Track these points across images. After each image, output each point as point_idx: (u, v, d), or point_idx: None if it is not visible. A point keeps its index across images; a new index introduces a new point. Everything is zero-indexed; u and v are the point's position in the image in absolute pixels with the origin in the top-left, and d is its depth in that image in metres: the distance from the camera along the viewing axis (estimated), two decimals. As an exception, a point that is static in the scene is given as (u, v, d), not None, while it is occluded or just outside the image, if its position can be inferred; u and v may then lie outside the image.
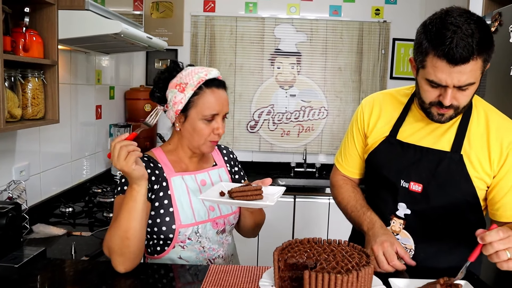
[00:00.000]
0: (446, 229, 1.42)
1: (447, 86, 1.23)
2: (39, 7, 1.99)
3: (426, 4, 3.82)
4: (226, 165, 1.63)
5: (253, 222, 1.59)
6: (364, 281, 1.07)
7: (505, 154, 1.34)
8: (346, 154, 1.64)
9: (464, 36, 1.16)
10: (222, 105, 1.46)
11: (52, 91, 2.05)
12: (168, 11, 3.82)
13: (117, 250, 1.28)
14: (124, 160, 1.20)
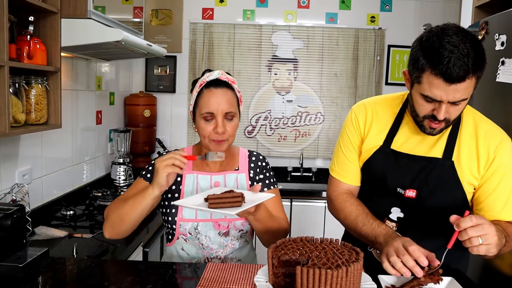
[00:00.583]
0: (436, 230, 1.47)
1: (441, 101, 1.28)
2: (43, 15, 2.06)
3: (421, 11, 3.90)
4: (250, 171, 1.65)
5: (263, 229, 1.52)
6: (353, 277, 1.13)
7: (491, 158, 1.40)
8: (344, 162, 1.61)
9: (461, 56, 1.20)
10: (218, 104, 1.49)
11: (55, 97, 2.11)
12: (168, 18, 3.89)
13: (111, 222, 1.49)
14: (166, 165, 1.36)
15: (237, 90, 1.58)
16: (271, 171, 1.69)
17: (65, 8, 2.17)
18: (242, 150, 1.70)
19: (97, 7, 2.41)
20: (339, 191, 1.61)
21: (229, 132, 1.52)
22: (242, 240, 1.63)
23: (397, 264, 1.21)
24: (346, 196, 1.58)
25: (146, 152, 3.70)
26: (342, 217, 1.58)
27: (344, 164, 1.60)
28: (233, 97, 1.54)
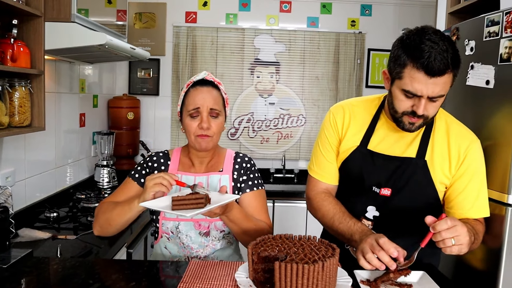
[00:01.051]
0: (410, 227, 1.53)
1: (421, 96, 1.34)
2: (27, 19, 2.07)
3: (400, 16, 4.00)
4: (234, 173, 1.67)
5: (239, 231, 1.56)
6: (329, 271, 1.19)
7: (462, 158, 1.48)
8: (322, 162, 1.65)
9: (441, 51, 1.28)
10: (204, 100, 1.55)
11: (39, 99, 2.13)
12: (151, 21, 3.92)
13: (100, 223, 1.59)
14: (154, 184, 1.41)
15: (223, 91, 1.63)
16: (257, 172, 1.71)
17: (49, 12, 2.19)
18: (229, 151, 1.73)
19: (80, 9, 2.42)
20: (317, 190, 1.67)
21: (214, 129, 1.56)
22: (225, 241, 1.66)
23: (373, 261, 1.27)
24: (324, 195, 1.63)
25: (130, 154, 3.72)
26: (319, 216, 1.63)
27: (323, 164, 1.65)
28: (218, 96, 1.59)
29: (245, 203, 1.64)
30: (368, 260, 1.27)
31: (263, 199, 1.70)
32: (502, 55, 1.67)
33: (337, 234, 1.55)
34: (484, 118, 1.79)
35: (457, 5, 2.27)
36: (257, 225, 1.58)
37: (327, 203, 1.60)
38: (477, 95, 1.82)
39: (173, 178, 1.43)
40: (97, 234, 1.61)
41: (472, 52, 1.85)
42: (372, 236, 1.33)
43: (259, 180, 1.71)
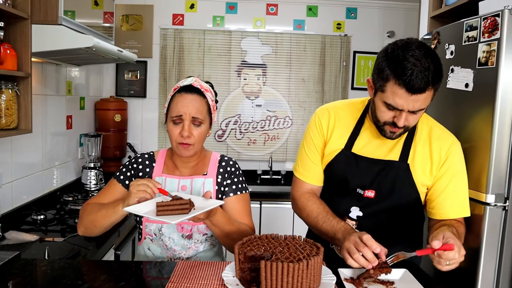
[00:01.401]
0: (392, 226, 1.59)
1: (402, 110, 1.38)
2: (13, 21, 2.08)
3: (384, 19, 4.06)
4: (218, 176, 1.68)
5: (221, 234, 1.57)
6: (314, 269, 1.22)
7: (443, 159, 1.52)
8: (308, 163, 1.68)
9: (423, 69, 1.31)
10: (187, 108, 1.55)
11: (26, 102, 2.13)
12: (138, 24, 3.92)
13: (84, 223, 1.60)
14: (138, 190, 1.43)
15: (210, 99, 1.62)
16: (241, 176, 1.71)
17: (35, 14, 2.20)
18: (215, 154, 1.74)
19: (66, 11, 2.43)
20: (302, 190, 1.69)
21: (195, 138, 1.57)
22: (207, 244, 1.68)
23: (360, 260, 1.30)
24: (308, 196, 1.67)
25: (117, 156, 3.72)
26: (304, 215, 1.66)
27: (308, 165, 1.68)
28: (203, 104, 1.59)
29: (229, 206, 1.66)
30: (356, 260, 1.30)
31: (247, 203, 1.71)
32: (480, 59, 1.72)
33: (321, 233, 1.58)
34: (464, 120, 1.84)
35: (438, 9, 2.33)
36: (239, 228, 1.60)
37: (312, 203, 1.63)
38: (458, 98, 1.88)
39: (156, 186, 1.45)
40: (82, 235, 1.63)
41: (452, 56, 1.90)
42: (356, 234, 1.37)
43: (243, 184, 1.71)
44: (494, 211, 1.70)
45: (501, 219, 1.71)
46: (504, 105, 1.64)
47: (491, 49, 1.65)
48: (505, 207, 1.70)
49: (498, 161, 1.68)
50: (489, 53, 1.66)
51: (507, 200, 1.70)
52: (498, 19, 1.61)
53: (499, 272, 1.72)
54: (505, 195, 1.70)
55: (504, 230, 1.71)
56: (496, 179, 1.69)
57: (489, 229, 1.71)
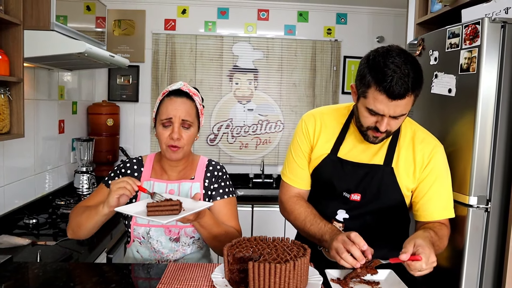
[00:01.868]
0: (378, 228, 1.62)
1: (384, 115, 1.42)
2: (5, 27, 2.10)
3: (374, 25, 4.12)
4: (205, 181, 1.70)
5: (209, 236, 1.60)
6: (300, 270, 1.25)
7: (426, 162, 1.56)
8: (295, 168, 1.71)
9: (402, 75, 1.34)
10: (176, 110, 1.58)
11: (18, 107, 2.15)
12: (130, 28, 3.95)
13: (72, 226, 1.63)
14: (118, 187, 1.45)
15: (198, 102, 1.66)
16: (228, 181, 1.75)
17: (28, 20, 2.22)
18: (203, 159, 1.77)
19: (59, 16, 2.45)
20: (289, 194, 1.73)
21: (185, 140, 1.60)
22: (195, 246, 1.70)
23: (349, 260, 1.33)
24: (296, 199, 1.70)
25: (110, 160, 3.74)
26: (292, 218, 1.70)
27: (295, 170, 1.72)
28: (192, 107, 1.62)
29: (216, 210, 1.68)
30: (344, 259, 1.34)
31: (234, 207, 1.74)
32: (462, 65, 1.77)
33: (309, 235, 1.62)
34: (449, 125, 1.89)
35: (424, 16, 2.38)
36: (227, 231, 1.63)
37: (299, 206, 1.67)
38: (443, 103, 1.93)
39: (135, 183, 1.47)
40: (70, 237, 1.65)
41: (436, 62, 1.95)
42: (343, 233, 1.41)
43: (230, 188, 1.74)
44: (477, 212, 1.75)
45: (484, 220, 1.76)
46: (485, 109, 1.69)
47: (472, 55, 1.70)
48: (487, 209, 1.75)
49: (480, 164, 1.73)
50: (471, 60, 1.71)
51: (489, 202, 1.75)
52: (478, 27, 1.66)
53: (482, 271, 1.76)
54: (487, 197, 1.75)
55: (487, 231, 1.76)
56: (478, 182, 1.74)
57: (472, 230, 1.76)
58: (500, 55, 1.67)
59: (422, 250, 1.30)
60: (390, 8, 4.06)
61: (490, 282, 1.77)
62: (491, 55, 1.67)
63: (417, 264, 1.29)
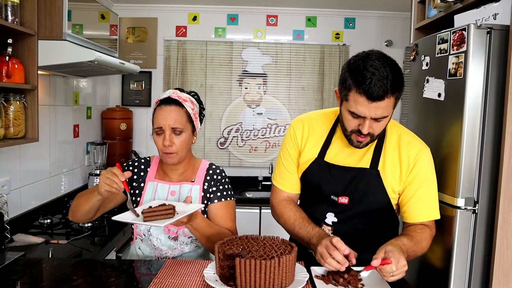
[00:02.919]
0: (367, 231, 1.66)
1: (365, 117, 1.46)
2: (21, 37, 2.23)
3: (382, 29, 4.16)
4: (204, 184, 1.78)
5: (202, 237, 1.67)
6: (286, 266, 1.33)
7: (411, 166, 1.59)
8: (284, 173, 1.76)
9: (381, 77, 1.39)
10: (166, 119, 1.67)
11: (32, 112, 2.28)
12: (143, 35, 4.08)
13: (72, 208, 1.75)
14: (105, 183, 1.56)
15: (189, 107, 1.73)
16: (227, 184, 1.82)
17: (41, 31, 2.35)
18: (204, 163, 1.85)
19: (75, 25, 2.58)
20: (279, 198, 1.78)
21: (178, 146, 1.69)
22: (193, 245, 1.79)
23: (332, 264, 1.39)
24: (285, 203, 1.75)
25: (122, 163, 3.85)
26: (282, 222, 1.76)
27: (284, 175, 1.77)
28: (180, 114, 1.70)
29: (213, 212, 1.77)
30: (329, 264, 1.40)
31: (231, 209, 1.81)
32: (450, 70, 1.82)
33: (298, 238, 1.68)
34: (442, 128, 1.93)
35: (422, 21, 2.42)
36: (220, 232, 1.69)
37: (288, 210, 1.72)
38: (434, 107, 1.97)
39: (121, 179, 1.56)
40: (70, 219, 1.77)
41: (427, 67, 2.00)
42: (327, 238, 1.46)
43: (229, 191, 1.81)
44: (465, 214, 1.79)
45: (472, 221, 1.80)
46: (472, 113, 1.74)
47: (459, 61, 1.75)
48: (475, 210, 1.79)
49: (468, 167, 1.77)
50: (458, 65, 1.76)
51: (476, 204, 1.79)
52: (465, 33, 1.71)
53: (470, 271, 1.80)
54: (475, 199, 1.79)
55: (475, 232, 1.80)
56: (466, 184, 1.78)
57: (460, 232, 1.80)
58: (486, 60, 1.72)
59: (392, 254, 1.35)
60: (398, 12, 4.09)
61: (479, 281, 1.81)
62: (477, 60, 1.71)
63: (388, 268, 1.33)
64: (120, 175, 1.55)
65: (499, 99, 1.74)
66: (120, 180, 1.55)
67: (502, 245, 1.74)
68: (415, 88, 2.11)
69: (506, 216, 1.73)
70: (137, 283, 1.46)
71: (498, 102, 1.75)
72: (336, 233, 1.64)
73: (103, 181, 1.55)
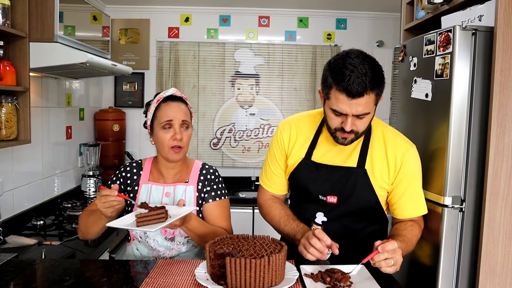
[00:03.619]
0: (356, 229, 1.69)
1: (347, 114, 1.48)
2: (12, 39, 2.24)
3: (373, 29, 4.19)
4: (198, 184, 1.80)
5: (196, 237, 1.69)
6: (275, 265, 1.35)
7: (399, 166, 1.62)
8: (271, 175, 1.80)
9: (360, 75, 1.41)
10: (176, 113, 1.72)
11: (24, 114, 2.28)
12: (136, 36, 4.09)
13: (81, 229, 1.77)
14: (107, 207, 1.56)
15: (189, 106, 1.80)
16: (221, 183, 1.85)
17: (33, 33, 2.36)
18: (197, 163, 1.88)
19: (67, 26, 2.59)
20: (265, 197, 1.84)
21: (185, 141, 1.73)
22: (189, 245, 1.81)
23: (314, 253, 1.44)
24: (271, 202, 1.80)
25: (116, 164, 3.87)
26: (268, 219, 1.80)
27: (270, 176, 1.81)
28: (187, 109, 1.77)
29: (208, 212, 1.79)
30: (311, 253, 1.44)
31: (226, 208, 1.84)
32: (437, 71, 1.85)
33: (284, 235, 1.72)
34: (428, 128, 1.96)
35: (410, 22, 2.45)
36: (214, 231, 1.72)
37: (274, 208, 1.77)
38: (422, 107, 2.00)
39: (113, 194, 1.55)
40: (82, 238, 1.81)
41: (415, 67, 2.03)
42: (310, 231, 1.51)
43: (223, 190, 1.85)
44: (452, 212, 1.82)
45: (459, 220, 1.83)
46: (458, 113, 1.77)
47: (445, 61, 1.78)
48: (462, 208, 1.82)
49: (454, 166, 1.80)
50: (444, 66, 1.79)
51: (463, 202, 1.82)
52: (450, 34, 1.74)
53: (458, 268, 1.83)
54: (461, 198, 1.82)
55: (462, 230, 1.83)
56: (453, 183, 1.81)
57: (447, 230, 1.83)
58: (471, 61, 1.75)
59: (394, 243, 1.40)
60: (389, 13, 4.12)
61: (466, 277, 1.84)
62: (463, 61, 1.74)
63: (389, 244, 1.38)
64: (111, 192, 1.56)
65: (485, 99, 1.78)
66: (115, 196, 1.56)
67: (488, 242, 1.78)
68: (403, 88, 2.14)
69: (492, 214, 1.76)
70: (130, 283, 1.48)
71: (484, 102, 1.78)
72: (327, 232, 1.62)
73: (103, 207, 1.55)
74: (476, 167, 1.80)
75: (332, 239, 1.49)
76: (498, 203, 1.76)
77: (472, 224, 1.82)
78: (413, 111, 2.08)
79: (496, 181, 1.75)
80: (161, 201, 1.77)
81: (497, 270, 1.78)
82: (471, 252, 1.82)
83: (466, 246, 1.83)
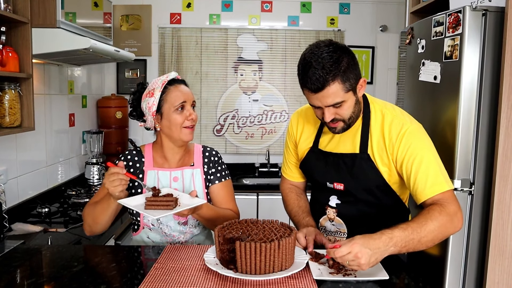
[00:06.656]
0: (370, 213, 1.67)
1: (321, 107, 1.50)
2: (14, 25, 2.21)
3: (377, 14, 4.14)
4: (204, 166, 1.82)
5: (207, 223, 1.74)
6: (285, 249, 1.34)
7: (397, 145, 1.54)
8: (288, 163, 1.88)
9: (315, 69, 1.40)
10: (187, 94, 1.74)
11: (28, 101, 2.27)
12: (137, 23, 4.05)
13: (88, 223, 1.71)
14: (115, 186, 1.54)
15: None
16: (223, 164, 1.89)
17: (35, 18, 2.33)
18: (197, 146, 1.89)
19: (68, 13, 2.56)
20: (284, 186, 1.92)
21: (195, 120, 1.75)
22: (201, 227, 1.83)
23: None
24: (288, 191, 1.89)
25: (119, 152, 3.86)
26: (285, 207, 1.90)
27: (287, 165, 1.89)
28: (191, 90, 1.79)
29: (214, 193, 1.83)
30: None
31: (230, 189, 1.88)
32: (446, 53, 1.82)
33: (294, 224, 1.81)
34: (437, 111, 1.94)
35: (417, 5, 2.42)
36: (225, 215, 1.76)
37: (289, 198, 1.86)
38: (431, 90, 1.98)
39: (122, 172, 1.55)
40: (89, 234, 1.75)
41: (423, 50, 2.01)
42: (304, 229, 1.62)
43: (226, 171, 1.88)
44: (461, 195, 1.81)
45: (468, 203, 1.82)
46: (468, 95, 1.75)
47: (455, 43, 1.75)
48: (471, 191, 1.81)
49: (463, 149, 1.79)
50: (453, 47, 1.76)
51: (473, 185, 1.81)
52: (460, 15, 1.71)
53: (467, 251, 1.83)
54: (471, 181, 1.81)
55: (471, 213, 1.82)
56: (462, 166, 1.80)
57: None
58: (481, 42, 1.73)
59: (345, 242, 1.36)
60: (393, -3, 4.08)
61: (475, 260, 1.84)
62: (473, 42, 1.72)
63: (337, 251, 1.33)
64: (119, 170, 1.55)
65: (495, 80, 1.75)
66: (123, 174, 1.55)
67: (498, 225, 1.77)
68: (410, 73, 2.12)
69: (501, 197, 1.75)
70: (138, 268, 1.47)
71: (494, 83, 1.76)
72: (341, 215, 1.68)
73: (111, 185, 1.53)
74: (486, 150, 1.79)
75: (348, 223, 1.63)
76: (507, 185, 1.75)
77: (481, 207, 1.81)
78: (421, 94, 2.06)
79: (506, 163, 1.74)
80: (170, 186, 1.76)
81: (507, 253, 1.77)
82: (480, 235, 1.82)
83: (475, 229, 1.82)
